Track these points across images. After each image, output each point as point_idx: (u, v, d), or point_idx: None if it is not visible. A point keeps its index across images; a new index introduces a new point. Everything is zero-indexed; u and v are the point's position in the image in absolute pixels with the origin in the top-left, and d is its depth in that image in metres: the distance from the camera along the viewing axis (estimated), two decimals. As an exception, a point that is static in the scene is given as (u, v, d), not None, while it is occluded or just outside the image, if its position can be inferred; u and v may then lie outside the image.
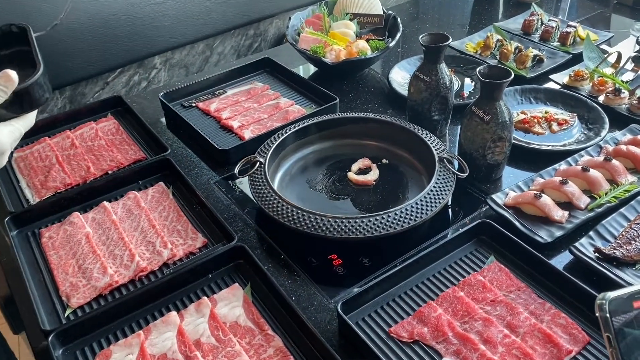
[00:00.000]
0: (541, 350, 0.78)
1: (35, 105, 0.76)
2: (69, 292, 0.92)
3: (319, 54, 1.43)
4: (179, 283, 0.92)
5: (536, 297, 0.86)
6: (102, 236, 1.03)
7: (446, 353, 0.79)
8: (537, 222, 0.98)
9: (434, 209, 0.97)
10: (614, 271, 0.89)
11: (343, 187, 1.12)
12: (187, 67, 2.21)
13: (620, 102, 1.28)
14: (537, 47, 1.54)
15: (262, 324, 0.85)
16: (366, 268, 0.95)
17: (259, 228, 1.05)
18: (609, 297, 0.55)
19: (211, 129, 1.32)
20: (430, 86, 1.18)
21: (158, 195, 1.12)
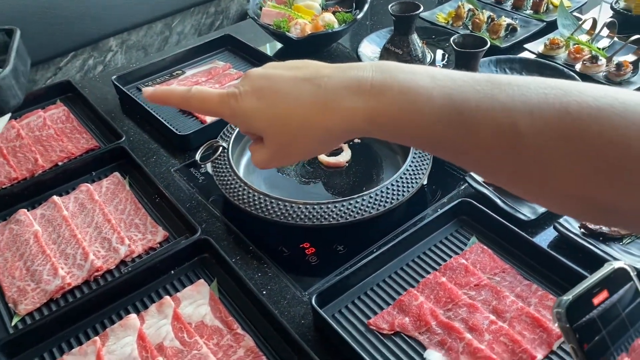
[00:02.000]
0: (530, 335, 0.74)
1: None
2: (16, 298, 0.84)
3: (283, 28, 1.35)
4: (138, 282, 0.84)
5: (522, 279, 0.81)
6: (53, 234, 0.94)
7: (430, 344, 0.74)
8: (519, 199, 0.93)
9: (411, 190, 0.91)
10: (601, 247, 0.84)
11: (314, 170, 1.05)
12: (145, 48, 2.09)
13: (598, 70, 1.24)
14: (510, 15, 1.48)
15: (230, 323, 0.78)
16: (341, 256, 0.89)
17: (225, 218, 0.98)
18: (566, 303, 0.48)
19: (170, 113, 1.22)
20: (402, 59, 1.11)
21: (113, 186, 1.04)
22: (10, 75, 0.63)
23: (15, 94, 0.64)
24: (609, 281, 0.51)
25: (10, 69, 0.63)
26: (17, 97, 0.64)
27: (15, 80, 0.64)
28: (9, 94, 0.63)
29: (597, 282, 0.50)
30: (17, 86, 0.64)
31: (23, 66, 0.66)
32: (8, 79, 0.63)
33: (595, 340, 0.50)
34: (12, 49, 0.67)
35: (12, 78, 0.64)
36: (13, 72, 0.63)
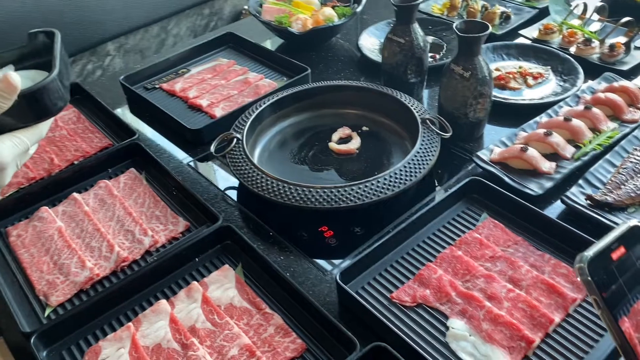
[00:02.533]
0: (546, 301, 0.77)
1: (45, 115, 0.65)
2: (46, 291, 0.86)
3: (285, 24, 1.38)
4: (165, 270, 0.87)
5: (534, 250, 0.85)
6: (76, 229, 0.96)
7: (452, 313, 0.77)
8: (525, 176, 0.97)
9: (423, 171, 0.94)
10: (607, 216, 0.88)
11: (325, 158, 1.08)
12: (142, 51, 2.11)
13: (592, 52, 1.28)
14: (503, 4, 1.53)
15: (258, 303, 0.81)
16: (359, 237, 0.92)
17: (243, 207, 1.01)
18: (587, 258, 0.52)
19: (179, 109, 1.25)
20: (405, 48, 1.15)
21: (130, 182, 1.06)
22: (57, 78, 0.64)
23: (62, 96, 0.65)
24: (625, 238, 0.55)
25: (56, 72, 0.64)
26: (64, 99, 0.66)
27: (61, 83, 0.66)
28: (57, 97, 0.64)
29: (615, 240, 0.54)
30: (63, 89, 0.66)
31: (65, 68, 0.68)
32: (55, 82, 0.64)
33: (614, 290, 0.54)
34: (57, 51, 0.67)
35: (59, 81, 0.65)
36: (59, 75, 0.65)
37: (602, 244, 0.54)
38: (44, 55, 0.68)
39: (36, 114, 0.64)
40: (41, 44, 0.70)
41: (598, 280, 0.53)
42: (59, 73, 0.64)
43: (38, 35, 0.71)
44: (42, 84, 0.63)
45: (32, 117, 0.65)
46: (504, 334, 0.73)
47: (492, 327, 0.74)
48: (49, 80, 0.63)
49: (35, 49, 0.71)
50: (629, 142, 1.02)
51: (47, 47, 0.69)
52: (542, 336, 0.73)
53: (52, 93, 0.64)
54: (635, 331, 0.54)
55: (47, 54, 0.67)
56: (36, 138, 0.66)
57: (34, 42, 0.71)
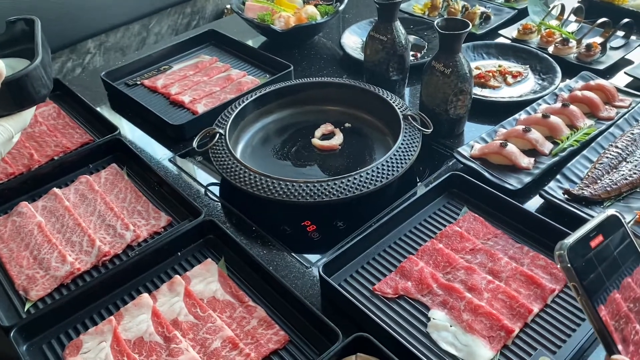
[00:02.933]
0: (525, 292, 0.79)
1: (28, 102, 0.65)
2: (26, 286, 0.85)
3: (267, 21, 1.38)
4: (147, 264, 0.87)
5: (514, 242, 0.87)
6: (56, 224, 0.95)
7: (433, 305, 0.78)
8: (504, 171, 0.99)
9: (404, 166, 0.95)
10: (584, 210, 0.90)
11: (308, 153, 1.08)
12: (123, 49, 2.10)
13: (569, 52, 1.31)
14: (483, 4, 1.55)
15: (241, 296, 0.81)
16: (341, 231, 0.93)
17: (225, 202, 1.01)
18: (567, 246, 0.54)
19: (161, 105, 1.25)
20: (387, 45, 1.16)
21: (112, 177, 1.05)
22: (40, 65, 0.64)
23: (45, 84, 0.65)
24: (603, 227, 0.56)
25: (39, 59, 0.64)
26: (47, 86, 0.65)
27: (44, 70, 0.65)
28: (40, 84, 0.64)
29: (593, 228, 0.56)
30: (46, 76, 0.65)
31: (47, 55, 0.67)
32: (38, 69, 0.63)
33: (592, 277, 0.55)
34: (38, 37, 0.66)
35: (42, 68, 0.64)
36: (42, 62, 0.64)
37: (582, 232, 0.55)
38: (23, 43, 0.68)
39: (20, 102, 0.64)
40: (20, 31, 0.70)
41: (577, 267, 0.54)
42: (42, 60, 0.64)
43: (17, 23, 0.70)
44: (26, 71, 0.62)
45: (16, 105, 0.64)
46: (484, 324, 0.75)
47: (472, 318, 0.75)
48: (32, 67, 0.62)
49: (13, 37, 0.70)
50: (605, 138, 1.04)
51: (27, 35, 0.68)
52: (521, 326, 0.75)
53: (36, 80, 0.63)
54: (612, 319, 0.55)
55: (27, 42, 0.67)
56: (20, 126, 0.66)
57: (12, 30, 0.70)
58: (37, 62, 0.63)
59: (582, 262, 0.54)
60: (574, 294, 0.55)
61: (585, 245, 0.55)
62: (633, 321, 0.56)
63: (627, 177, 0.93)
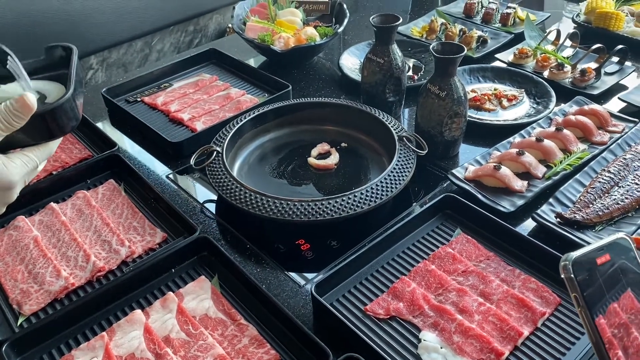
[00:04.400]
0: (516, 314, 0.79)
1: (56, 134, 0.66)
2: (19, 300, 0.85)
3: (268, 42, 1.40)
4: (141, 280, 0.87)
5: (505, 265, 0.87)
6: (52, 239, 0.96)
7: (424, 326, 0.79)
8: (498, 193, 1.00)
9: (399, 186, 0.96)
10: (576, 234, 0.91)
11: (304, 172, 1.09)
12: (125, 66, 2.13)
13: (564, 77, 1.33)
14: (480, 28, 1.58)
15: (233, 314, 0.82)
16: (335, 250, 0.93)
17: (221, 219, 1.01)
18: (572, 258, 0.56)
19: (160, 122, 1.26)
20: (384, 67, 1.18)
21: (109, 193, 1.06)
22: (71, 98, 0.64)
23: (75, 116, 0.66)
24: (612, 247, 0.58)
25: (71, 92, 0.64)
26: (76, 118, 0.66)
27: (75, 102, 0.65)
28: (70, 116, 0.65)
29: (601, 246, 0.58)
30: (76, 108, 0.66)
31: (80, 86, 0.68)
32: (69, 102, 0.64)
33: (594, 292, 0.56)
34: (72, 68, 0.67)
35: (72, 100, 0.64)
36: (73, 95, 0.65)
37: (589, 248, 0.57)
38: (60, 68, 0.69)
39: (48, 133, 0.65)
40: (58, 57, 0.71)
41: (581, 279, 0.55)
42: (73, 93, 0.64)
43: (56, 49, 0.72)
44: (57, 105, 0.63)
45: (44, 136, 0.65)
46: (474, 346, 0.75)
47: (462, 340, 0.76)
48: (63, 100, 0.63)
49: (52, 62, 0.72)
50: (598, 163, 1.05)
51: (64, 60, 0.69)
52: (511, 349, 0.75)
53: (66, 113, 0.64)
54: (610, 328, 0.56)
55: (63, 67, 0.68)
56: (45, 156, 0.67)
57: (51, 54, 0.72)
58: (69, 95, 0.64)
59: (586, 276, 0.56)
60: (575, 305, 0.56)
61: (591, 261, 0.57)
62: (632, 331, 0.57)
63: (618, 201, 0.94)
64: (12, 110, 0.60)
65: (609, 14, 1.50)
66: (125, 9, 1.98)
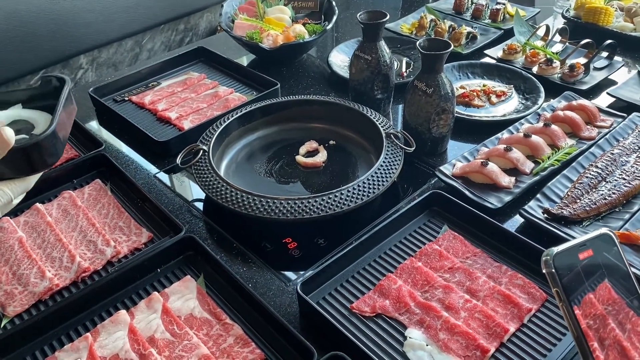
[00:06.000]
0: (502, 311, 0.79)
1: (34, 170, 0.64)
2: (3, 301, 0.85)
3: (256, 39, 1.40)
4: (126, 280, 0.86)
5: (492, 261, 0.87)
6: (37, 239, 0.95)
7: (410, 323, 0.78)
8: (485, 190, 1.00)
9: (386, 184, 0.96)
10: (563, 230, 0.91)
11: (292, 170, 1.09)
12: (115, 65, 2.11)
13: (553, 72, 1.32)
14: (470, 25, 1.57)
15: (219, 314, 0.81)
16: (322, 248, 0.93)
17: (208, 218, 1.01)
18: (554, 252, 0.56)
19: (147, 122, 1.26)
20: (372, 64, 1.17)
21: (95, 192, 1.06)
22: (52, 134, 0.62)
23: (55, 153, 0.64)
24: (595, 243, 0.58)
25: (52, 129, 0.62)
26: (56, 155, 0.64)
27: (56, 139, 0.63)
28: (49, 153, 0.63)
29: (584, 242, 0.57)
30: (57, 145, 0.64)
31: (68, 118, 0.66)
32: (50, 139, 0.62)
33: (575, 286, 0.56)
34: (60, 104, 0.65)
35: (54, 137, 0.63)
36: (55, 131, 0.63)
37: (571, 243, 0.57)
38: (52, 98, 0.68)
39: (27, 168, 0.64)
40: (52, 88, 0.70)
41: (562, 274, 0.55)
42: (55, 129, 0.63)
43: (51, 80, 0.71)
44: (36, 140, 0.62)
45: (22, 171, 0.64)
46: (460, 343, 0.75)
47: (448, 337, 0.75)
48: (42, 137, 0.62)
49: (46, 91, 0.71)
50: (586, 158, 1.05)
51: (58, 91, 0.69)
52: (497, 345, 0.75)
53: (45, 150, 0.63)
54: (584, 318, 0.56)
55: (55, 98, 0.67)
56: (22, 190, 0.65)
57: (46, 84, 0.71)
58: (50, 131, 0.62)
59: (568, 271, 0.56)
60: (557, 300, 0.56)
61: (573, 256, 0.57)
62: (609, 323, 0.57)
63: (606, 197, 0.94)
64: None
65: (598, 9, 1.50)
66: (114, 7, 1.97)
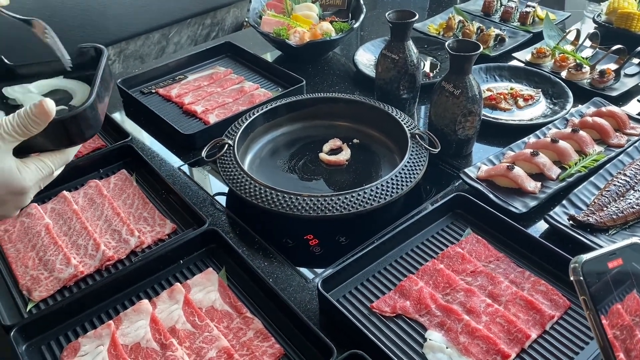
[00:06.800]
0: (524, 317, 0.78)
1: (75, 141, 0.65)
2: (29, 286, 0.86)
3: (283, 36, 1.40)
4: (149, 270, 0.87)
5: (515, 266, 0.86)
6: (64, 226, 0.97)
7: (430, 325, 0.78)
8: (510, 194, 0.99)
9: (410, 184, 0.96)
10: (589, 237, 0.89)
11: (315, 168, 1.09)
12: (142, 57, 2.14)
13: (582, 77, 1.30)
14: (498, 27, 1.56)
15: (239, 307, 0.82)
16: (343, 247, 0.93)
17: (230, 212, 1.01)
18: (582, 260, 0.55)
19: (173, 114, 1.27)
20: (398, 64, 1.17)
21: (121, 183, 1.07)
22: (92, 105, 0.62)
23: (94, 125, 0.64)
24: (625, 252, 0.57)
25: (91, 101, 0.62)
26: (95, 127, 0.64)
27: (96, 110, 0.64)
28: (88, 125, 0.63)
29: (614, 250, 0.56)
30: (96, 117, 0.64)
31: (106, 90, 0.66)
32: (88, 111, 0.62)
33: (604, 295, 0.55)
34: (98, 76, 0.65)
35: (92, 109, 0.63)
36: (94, 102, 0.63)
37: (601, 251, 0.56)
38: (89, 69, 0.68)
39: (67, 140, 0.64)
40: (89, 58, 0.71)
41: (590, 282, 0.54)
42: (93, 102, 0.63)
43: (88, 49, 0.71)
44: (75, 113, 0.62)
45: (63, 142, 0.64)
46: (481, 347, 0.74)
47: (469, 340, 0.75)
48: (81, 109, 0.62)
49: (83, 62, 0.71)
50: (614, 165, 1.03)
51: (95, 62, 0.69)
52: (518, 351, 0.74)
53: (84, 121, 0.63)
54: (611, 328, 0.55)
55: (92, 69, 0.68)
56: (62, 162, 0.65)
57: (83, 55, 0.72)
58: (88, 104, 0.63)
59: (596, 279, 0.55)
60: (583, 309, 0.55)
61: (602, 264, 0.55)
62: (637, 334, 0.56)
63: (634, 205, 0.92)
64: (30, 116, 0.59)
65: (631, 15, 1.47)
66: (143, 0, 1.99)
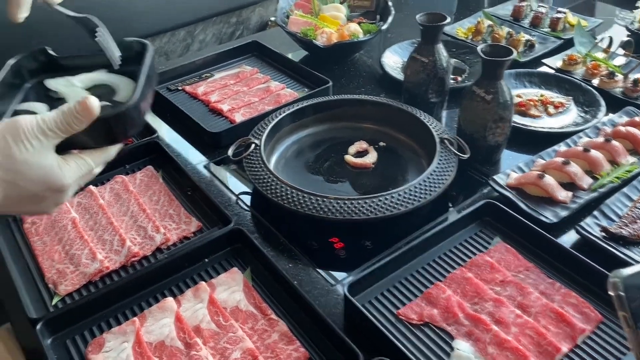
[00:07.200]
0: (555, 329, 0.76)
1: (118, 139, 0.64)
2: (55, 279, 0.86)
3: (310, 36, 1.39)
4: (174, 268, 0.87)
5: (545, 277, 0.84)
6: (90, 221, 0.97)
7: (458, 334, 0.77)
8: (540, 203, 0.97)
9: (438, 190, 0.94)
10: (621, 250, 0.87)
11: (341, 170, 1.08)
12: (167, 54, 2.14)
13: (615, 86, 1.28)
14: (528, 32, 1.53)
15: (264, 309, 0.81)
16: (369, 251, 0.92)
17: (256, 212, 1.01)
18: (623, 275, 0.53)
19: (199, 112, 1.27)
20: (427, 67, 1.15)
21: (147, 179, 1.07)
22: (137, 103, 0.61)
23: (137, 123, 0.63)
24: None
25: (136, 100, 0.61)
26: (138, 125, 0.64)
27: (139, 110, 0.62)
28: (131, 124, 0.63)
29: None
30: (140, 115, 0.63)
31: (150, 88, 0.64)
32: (132, 110, 0.61)
33: None
34: (144, 72, 0.63)
35: (136, 109, 0.62)
36: (137, 103, 0.61)
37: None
38: (134, 64, 0.67)
39: (109, 138, 0.63)
40: (134, 53, 0.69)
41: (631, 298, 0.52)
42: (138, 100, 0.62)
43: (132, 44, 0.70)
44: (119, 111, 0.61)
45: (104, 141, 0.63)
46: (510, 359, 0.73)
47: (497, 352, 0.74)
48: (125, 107, 0.61)
49: (127, 56, 0.70)
50: (648, 177, 1.01)
51: (139, 57, 0.68)
52: (548, 365, 0.72)
53: (128, 120, 0.62)
54: None
55: (136, 64, 0.66)
56: (103, 160, 0.65)
57: (127, 49, 0.71)
58: (133, 103, 0.61)
59: (637, 295, 0.53)
60: (623, 326, 0.53)
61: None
62: None
63: (669, 219, 0.90)
64: (73, 114, 0.59)
65: (666, 23, 1.44)
66: (170, -2, 2.00)
